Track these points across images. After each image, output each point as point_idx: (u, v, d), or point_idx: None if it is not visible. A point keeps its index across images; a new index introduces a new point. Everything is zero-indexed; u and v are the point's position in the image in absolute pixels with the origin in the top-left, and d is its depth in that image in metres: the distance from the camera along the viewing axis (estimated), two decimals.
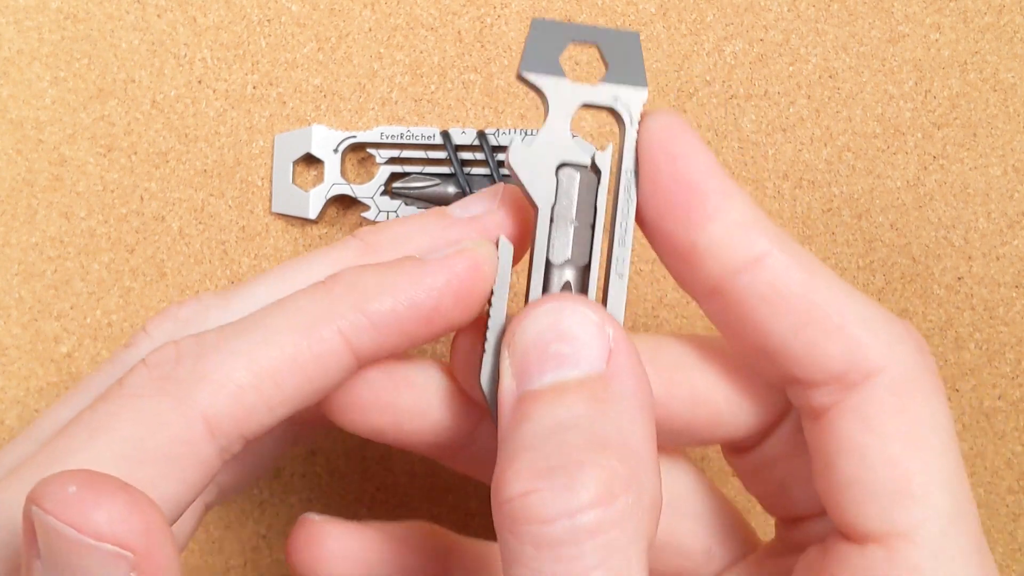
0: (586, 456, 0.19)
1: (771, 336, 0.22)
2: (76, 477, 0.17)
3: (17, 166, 0.37)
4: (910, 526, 0.21)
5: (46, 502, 0.17)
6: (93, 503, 0.17)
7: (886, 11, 0.36)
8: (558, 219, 0.23)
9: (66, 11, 0.37)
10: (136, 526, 0.17)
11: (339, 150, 0.36)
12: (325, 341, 0.21)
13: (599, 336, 0.21)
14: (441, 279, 0.22)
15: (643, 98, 0.23)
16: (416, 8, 0.37)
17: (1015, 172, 0.36)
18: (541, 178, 0.23)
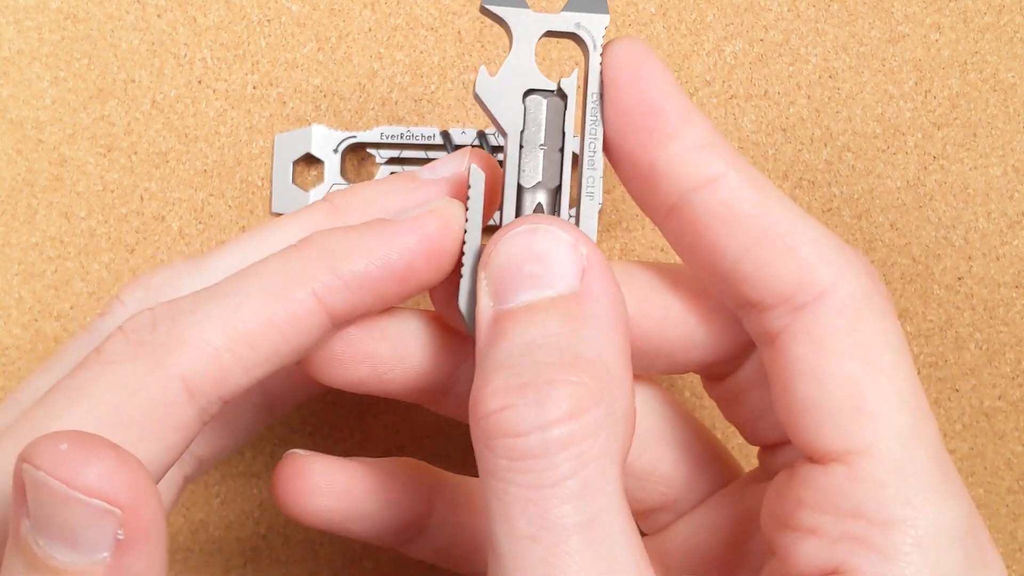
0: (558, 373, 0.20)
1: (724, 256, 0.22)
2: (67, 436, 0.18)
3: (17, 166, 0.37)
4: (868, 442, 0.21)
5: (37, 459, 0.17)
6: (84, 460, 0.18)
7: (886, 11, 0.36)
8: (527, 144, 0.23)
9: (66, 11, 0.37)
10: (124, 483, 0.18)
11: (339, 150, 0.36)
12: (299, 302, 0.22)
13: (572, 255, 0.21)
14: (412, 239, 0.23)
15: (605, 23, 0.24)
16: (416, 8, 0.37)
17: (1015, 172, 0.36)
18: (509, 106, 0.23)
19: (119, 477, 0.18)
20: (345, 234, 0.23)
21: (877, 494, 0.21)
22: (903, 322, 0.36)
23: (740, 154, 0.23)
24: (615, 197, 0.36)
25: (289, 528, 0.36)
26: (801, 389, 0.22)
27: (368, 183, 0.25)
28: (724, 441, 0.30)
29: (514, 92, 0.23)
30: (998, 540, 0.36)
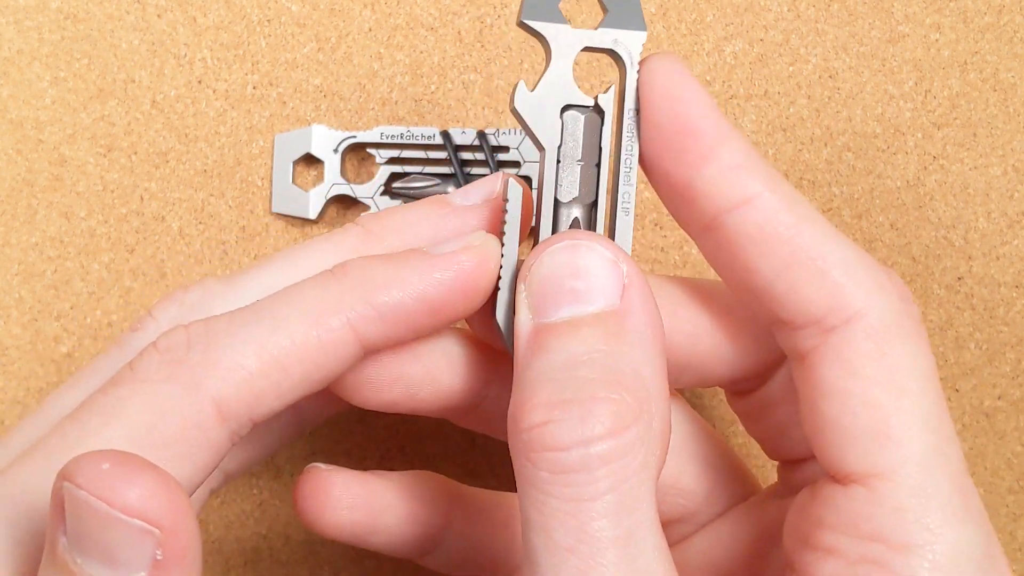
0: (600, 390, 0.20)
1: (757, 275, 0.23)
2: (109, 456, 0.18)
3: (17, 166, 0.37)
4: (890, 467, 0.21)
5: (79, 478, 0.18)
6: (125, 480, 0.18)
7: (886, 11, 0.36)
8: (564, 159, 0.24)
9: (66, 11, 0.37)
10: (164, 504, 0.18)
11: (339, 150, 0.36)
12: (334, 331, 0.22)
13: (613, 272, 0.22)
14: (449, 274, 0.23)
15: (642, 40, 0.24)
16: (416, 8, 0.37)
17: (1015, 172, 0.36)
18: (546, 121, 0.23)
19: (159, 498, 0.18)
20: (382, 264, 0.23)
21: (897, 519, 0.21)
22: None
23: (777, 173, 0.23)
24: None
25: (289, 528, 0.36)
26: (827, 410, 0.22)
27: (401, 207, 0.25)
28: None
29: (552, 107, 0.23)
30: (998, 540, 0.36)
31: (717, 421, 0.36)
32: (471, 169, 0.36)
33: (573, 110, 0.24)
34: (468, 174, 0.36)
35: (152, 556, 0.18)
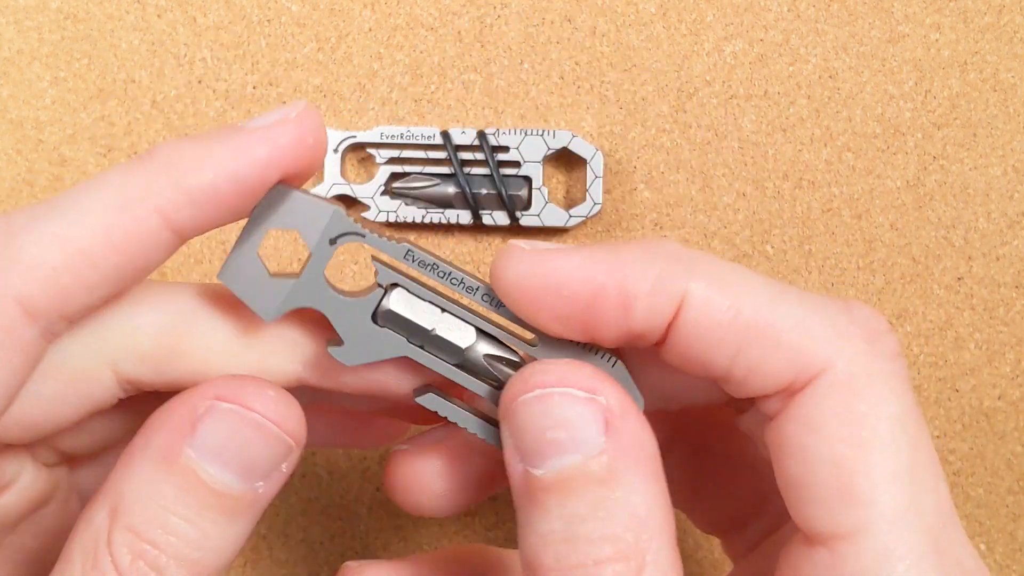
0: (602, 549, 0.20)
1: (714, 369, 0.22)
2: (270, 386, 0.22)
3: (17, 166, 0.37)
4: (855, 527, 0.20)
5: (253, 402, 0.21)
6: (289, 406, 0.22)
7: (886, 11, 0.36)
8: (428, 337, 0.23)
9: (66, 11, 0.37)
10: (302, 425, 0.22)
11: (339, 150, 0.36)
12: (141, 219, 0.21)
13: (592, 411, 0.21)
14: (264, 150, 0.21)
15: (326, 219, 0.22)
16: (416, 8, 0.37)
17: (1015, 172, 0.36)
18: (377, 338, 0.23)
19: (297, 416, 0.22)
20: (192, 144, 0.21)
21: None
22: (903, 322, 0.36)
23: (687, 254, 0.22)
24: (615, 197, 0.36)
25: (289, 528, 0.36)
26: (792, 469, 0.21)
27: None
28: None
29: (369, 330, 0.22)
30: (998, 540, 0.36)
31: None
32: (471, 169, 0.36)
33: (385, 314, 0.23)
34: (468, 174, 0.36)
35: (279, 468, 0.22)
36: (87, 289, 0.21)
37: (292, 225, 0.22)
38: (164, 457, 0.21)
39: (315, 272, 0.22)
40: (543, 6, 0.37)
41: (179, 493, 0.21)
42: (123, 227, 0.21)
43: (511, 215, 0.35)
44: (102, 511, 0.21)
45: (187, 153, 0.21)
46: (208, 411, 0.21)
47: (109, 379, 0.22)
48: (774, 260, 0.36)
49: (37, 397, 0.22)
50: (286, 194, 0.22)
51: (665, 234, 0.36)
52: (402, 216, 0.36)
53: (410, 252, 0.22)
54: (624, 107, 0.36)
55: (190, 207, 0.21)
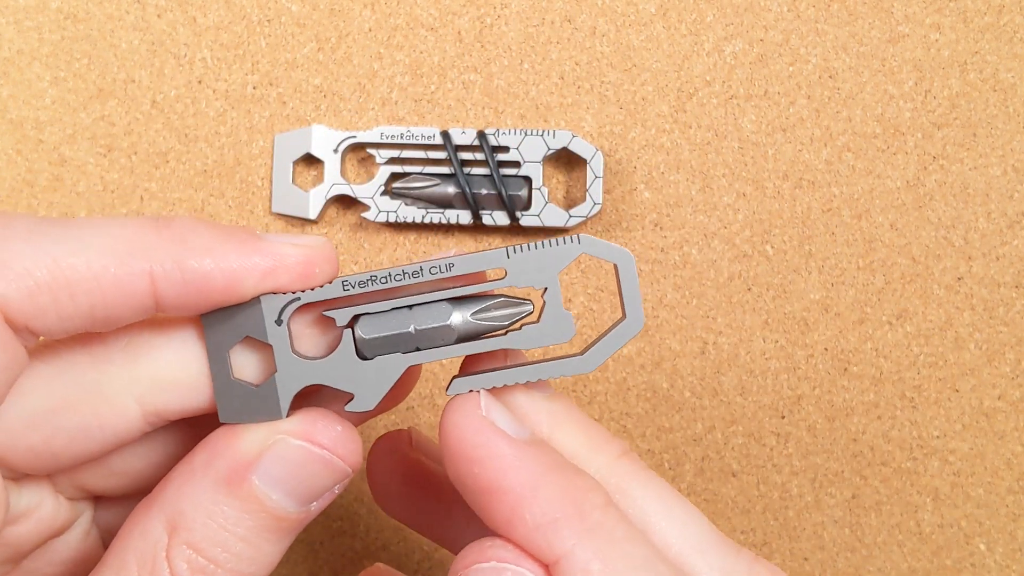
0: None
1: None
2: (336, 419, 0.23)
3: (17, 166, 0.37)
4: None
5: (322, 438, 0.22)
6: (353, 439, 0.23)
7: (886, 11, 0.36)
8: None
9: (66, 11, 0.37)
10: (358, 451, 0.23)
11: (339, 150, 0.36)
12: (133, 276, 0.21)
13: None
14: (268, 262, 0.22)
15: None
16: (416, 8, 0.37)
17: (1015, 172, 0.36)
18: (370, 368, 0.23)
19: (358, 448, 0.23)
20: (207, 230, 0.22)
21: None
22: (903, 322, 0.36)
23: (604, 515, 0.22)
24: (615, 197, 0.36)
25: None
26: None
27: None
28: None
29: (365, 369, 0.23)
30: (998, 540, 0.36)
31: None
32: (471, 169, 0.36)
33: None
34: (468, 174, 0.36)
35: (332, 490, 0.23)
36: (58, 317, 0.21)
37: (242, 334, 0.23)
38: (228, 480, 0.22)
39: (285, 356, 0.23)
40: (543, 6, 0.37)
41: (240, 515, 0.22)
42: (113, 275, 0.21)
43: (511, 215, 0.35)
44: (158, 524, 0.22)
45: (200, 236, 0.22)
46: (277, 443, 0.22)
47: (134, 412, 0.23)
48: (774, 260, 0.36)
49: (56, 427, 0.22)
50: (219, 315, 0.23)
51: (665, 235, 0.36)
52: (402, 216, 0.36)
53: (345, 283, 0.23)
54: (624, 107, 0.36)
55: (180, 284, 0.22)
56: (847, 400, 0.36)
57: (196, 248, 0.22)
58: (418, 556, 0.37)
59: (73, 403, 0.22)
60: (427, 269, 0.22)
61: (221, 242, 0.22)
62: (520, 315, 0.23)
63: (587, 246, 0.22)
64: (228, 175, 0.37)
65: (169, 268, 0.21)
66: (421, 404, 0.37)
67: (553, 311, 0.23)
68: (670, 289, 0.36)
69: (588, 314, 0.36)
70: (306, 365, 0.23)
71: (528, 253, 0.22)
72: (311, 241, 0.23)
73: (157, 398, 0.23)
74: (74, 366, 0.23)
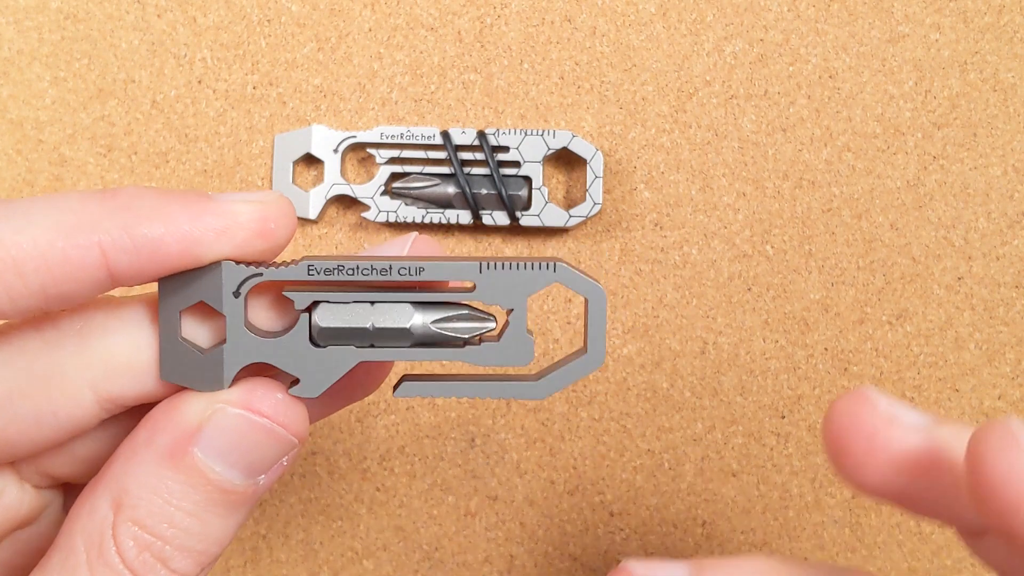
0: None
1: None
2: (278, 387, 0.22)
3: (17, 166, 0.37)
4: None
5: (262, 406, 0.22)
6: (295, 406, 0.22)
7: (886, 11, 0.36)
8: None
9: (66, 11, 0.37)
10: (303, 420, 0.22)
11: (339, 150, 0.36)
12: (81, 248, 0.21)
13: None
14: (221, 222, 0.22)
15: None
16: (416, 8, 0.37)
17: (1015, 172, 0.36)
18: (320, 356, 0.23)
19: (302, 416, 0.22)
20: (154, 196, 0.22)
21: None
22: (903, 322, 0.36)
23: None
24: (615, 197, 0.36)
25: (289, 528, 0.36)
26: None
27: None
28: None
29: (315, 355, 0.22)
30: None
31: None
32: (471, 169, 0.36)
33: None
34: (468, 174, 0.36)
35: (280, 462, 0.22)
36: (9, 298, 0.21)
37: (196, 298, 0.22)
38: (170, 454, 0.21)
39: (237, 329, 0.22)
40: (543, 6, 0.37)
41: (185, 489, 0.21)
42: (61, 250, 0.21)
43: (511, 215, 0.35)
44: (104, 502, 0.21)
45: (147, 202, 0.21)
46: (216, 413, 0.22)
47: (89, 399, 0.22)
48: (774, 260, 0.36)
49: (13, 417, 0.22)
50: (178, 277, 0.22)
51: (665, 234, 0.36)
52: (402, 216, 0.36)
53: (311, 267, 0.22)
54: (624, 107, 0.36)
55: (132, 253, 0.21)
56: None
57: (145, 214, 0.21)
58: (418, 556, 0.37)
59: (26, 390, 0.22)
60: (396, 269, 0.22)
61: (170, 206, 0.21)
62: (481, 330, 0.22)
63: (561, 275, 0.22)
64: (228, 175, 0.37)
65: (118, 237, 0.21)
66: (421, 404, 0.37)
67: (515, 333, 0.22)
68: (670, 289, 0.36)
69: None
70: (257, 342, 0.22)
71: (501, 272, 0.22)
72: (264, 196, 0.22)
73: (111, 384, 0.22)
74: (25, 352, 0.22)
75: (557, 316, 0.36)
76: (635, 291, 0.36)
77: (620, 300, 0.36)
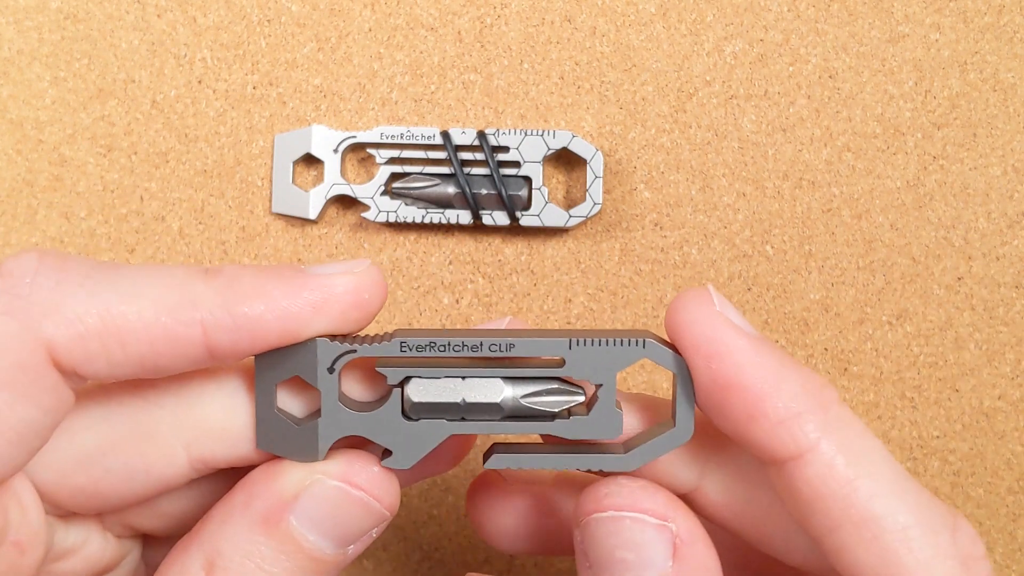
0: None
1: (810, 526, 0.22)
2: (374, 461, 0.23)
3: (17, 166, 0.37)
4: None
5: (358, 479, 0.22)
6: (390, 480, 0.23)
7: (886, 11, 0.36)
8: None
9: (66, 11, 0.37)
10: (399, 499, 0.23)
11: (339, 150, 0.36)
12: (183, 326, 0.21)
13: (660, 537, 0.21)
14: (318, 295, 0.22)
15: None
16: (416, 8, 0.37)
17: (1015, 172, 0.36)
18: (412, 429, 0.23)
19: (395, 490, 0.23)
20: (253, 274, 0.22)
21: None
22: (903, 322, 0.36)
23: (840, 412, 0.22)
24: (615, 197, 0.36)
25: None
26: None
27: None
28: None
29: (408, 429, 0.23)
30: (998, 540, 0.36)
31: None
32: (471, 169, 0.36)
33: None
34: (468, 174, 0.36)
35: (371, 533, 0.23)
36: (108, 363, 0.21)
37: (291, 373, 0.23)
38: (265, 520, 0.22)
39: (332, 403, 0.23)
40: (543, 6, 0.37)
41: (277, 555, 0.22)
42: (164, 326, 0.21)
43: (511, 215, 0.35)
44: (196, 562, 0.22)
45: (247, 280, 0.22)
46: (314, 484, 0.22)
47: (182, 459, 0.23)
48: (774, 260, 0.36)
49: (104, 469, 0.22)
50: (274, 353, 0.22)
51: (665, 234, 0.36)
52: (402, 216, 0.36)
53: (403, 344, 0.22)
54: (624, 107, 0.36)
55: (232, 331, 0.22)
56: (847, 400, 0.36)
57: (245, 293, 0.22)
58: (418, 556, 0.37)
59: (121, 446, 0.22)
60: (487, 346, 0.22)
61: (269, 283, 0.22)
62: (570, 404, 0.23)
63: (650, 352, 0.22)
64: (228, 175, 0.37)
65: (220, 316, 0.21)
66: None
67: (604, 407, 0.23)
68: (670, 289, 0.36)
69: (588, 314, 0.36)
70: (351, 415, 0.23)
71: (590, 348, 0.22)
72: (356, 266, 0.23)
73: (204, 446, 0.23)
74: (124, 408, 0.23)
75: (557, 316, 0.36)
76: (635, 291, 0.36)
77: (620, 300, 0.36)
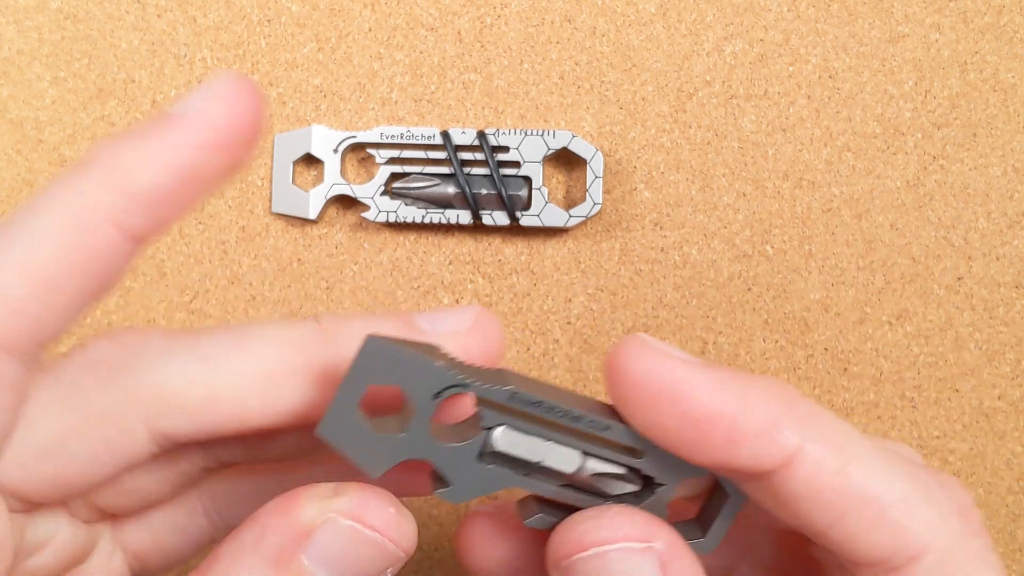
0: None
1: (813, 526, 0.22)
2: (390, 501, 0.22)
3: (17, 166, 0.37)
4: None
5: (374, 519, 0.22)
6: (406, 520, 0.22)
7: (886, 11, 0.36)
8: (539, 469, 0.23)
9: (66, 11, 0.37)
10: (415, 540, 0.23)
11: (339, 150, 0.36)
12: (98, 234, 0.20)
13: (647, 560, 0.21)
14: (200, 135, 0.21)
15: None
16: (416, 8, 0.37)
17: (1015, 172, 0.36)
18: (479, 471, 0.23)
19: (412, 531, 0.22)
20: (128, 144, 0.20)
21: None
22: (903, 322, 0.36)
23: (808, 405, 0.22)
24: (615, 197, 0.36)
25: None
26: None
27: (366, 316, 0.24)
28: None
29: (475, 469, 0.22)
30: (998, 540, 0.36)
31: None
32: (471, 169, 0.36)
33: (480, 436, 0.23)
34: (468, 174, 0.36)
35: (385, 574, 0.22)
36: (56, 314, 0.20)
37: (394, 381, 0.22)
38: (276, 559, 0.22)
39: (421, 426, 0.22)
40: (543, 6, 0.37)
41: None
42: (81, 246, 0.20)
43: (511, 215, 0.35)
44: None
45: (127, 154, 0.20)
46: (327, 522, 0.22)
47: (142, 435, 0.23)
48: (774, 260, 0.36)
49: (67, 456, 0.22)
50: (386, 348, 0.21)
51: (665, 234, 0.36)
52: (402, 216, 0.36)
53: (515, 395, 0.22)
54: (624, 107, 0.36)
55: (144, 211, 0.20)
56: (847, 400, 0.36)
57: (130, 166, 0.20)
58: (418, 556, 0.37)
59: (81, 430, 0.22)
60: (587, 421, 0.22)
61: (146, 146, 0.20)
62: (628, 490, 0.23)
63: (718, 474, 0.23)
64: None
65: (123, 203, 0.20)
66: None
67: (655, 505, 0.23)
68: (670, 289, 0.36)
69: (588, 314, 0.36)
70: (431, 443, 0.22)
71: (671, 455, 0.23)
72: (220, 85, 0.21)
73: (165, 421, 0.23)
74: (79, 391, 0.22)
75: (557, 316, 0.36)
76: (635, 291, 0.36)
77: (620, 300, 0.36)
